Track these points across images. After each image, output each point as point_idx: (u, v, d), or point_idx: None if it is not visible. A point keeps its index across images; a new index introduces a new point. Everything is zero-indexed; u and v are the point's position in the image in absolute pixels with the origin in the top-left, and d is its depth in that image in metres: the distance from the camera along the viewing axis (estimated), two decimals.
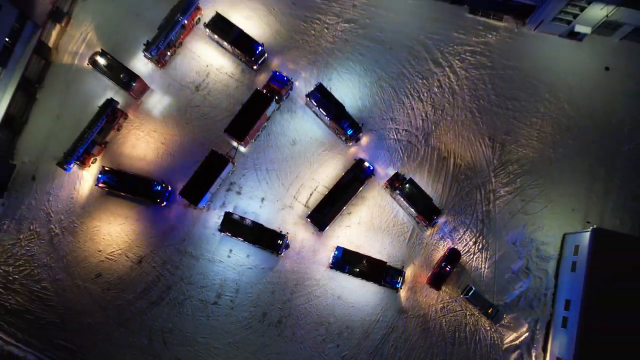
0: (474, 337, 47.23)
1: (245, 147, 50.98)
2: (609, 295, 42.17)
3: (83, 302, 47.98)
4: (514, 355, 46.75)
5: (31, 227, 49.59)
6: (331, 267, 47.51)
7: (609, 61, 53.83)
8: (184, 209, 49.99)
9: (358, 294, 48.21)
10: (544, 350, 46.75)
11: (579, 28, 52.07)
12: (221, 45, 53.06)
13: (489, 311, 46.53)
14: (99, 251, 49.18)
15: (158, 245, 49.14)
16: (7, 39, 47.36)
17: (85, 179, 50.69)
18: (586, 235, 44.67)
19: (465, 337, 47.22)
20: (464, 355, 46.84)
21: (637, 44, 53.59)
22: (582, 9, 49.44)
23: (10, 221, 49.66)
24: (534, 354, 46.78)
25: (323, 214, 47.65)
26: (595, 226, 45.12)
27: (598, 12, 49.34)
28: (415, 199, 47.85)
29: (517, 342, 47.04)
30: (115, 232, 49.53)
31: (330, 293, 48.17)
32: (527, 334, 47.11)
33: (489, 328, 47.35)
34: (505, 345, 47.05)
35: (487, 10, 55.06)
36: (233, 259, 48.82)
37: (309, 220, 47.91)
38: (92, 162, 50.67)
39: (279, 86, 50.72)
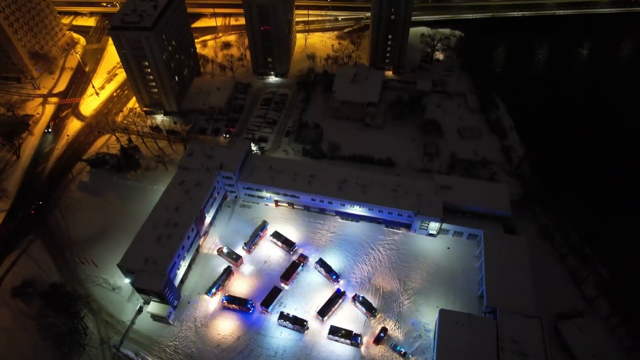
0: None
1: (287, 286, 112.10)
2: (450, 341, 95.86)
3: (211, 358, 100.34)
4: None
5: (187, 324, 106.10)
6: (328, 335, 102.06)
7: (450, 244, 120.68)
8: (259, 314, 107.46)
9: (341, 350, 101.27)
10: None
11: (431, 231, 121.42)
12: (276, 244, 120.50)
13: (402, 353, 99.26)
14: (219, 334, 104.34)
15: (247, 330, 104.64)
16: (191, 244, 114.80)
17: (213, 301, 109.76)
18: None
19: None
20: None
21: (460, 238, 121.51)
22: (428, 224, 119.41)
23: (177, 321, 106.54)
24: None
25: (324, 311, 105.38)
26: (441, 308, 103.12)
27: (435, 225, 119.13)
28: (365, 305, 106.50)
29: None
30: (227, 325, 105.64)
31: (329, 350, 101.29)
32: None
33: None
34: None
35: (393, 226, 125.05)
36: (282, 336, 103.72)
37: (317, 314, 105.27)
38: (217, 294, 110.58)
39: (302, 259, 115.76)
